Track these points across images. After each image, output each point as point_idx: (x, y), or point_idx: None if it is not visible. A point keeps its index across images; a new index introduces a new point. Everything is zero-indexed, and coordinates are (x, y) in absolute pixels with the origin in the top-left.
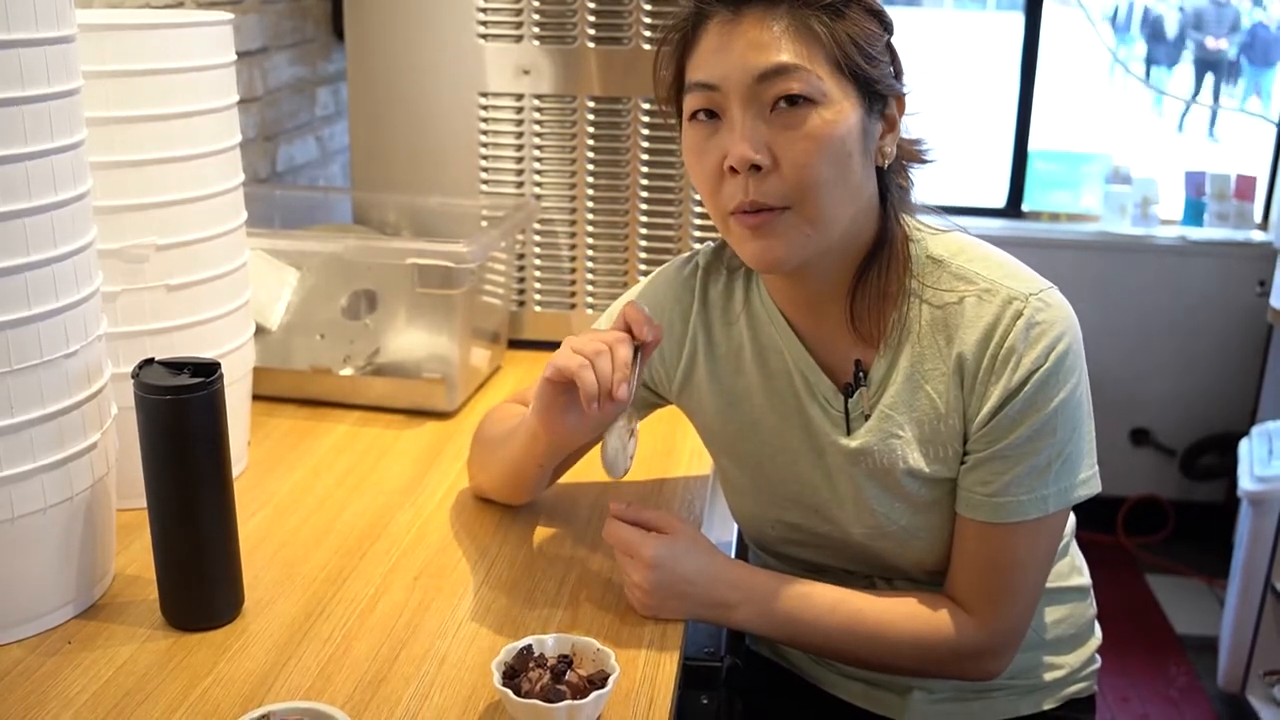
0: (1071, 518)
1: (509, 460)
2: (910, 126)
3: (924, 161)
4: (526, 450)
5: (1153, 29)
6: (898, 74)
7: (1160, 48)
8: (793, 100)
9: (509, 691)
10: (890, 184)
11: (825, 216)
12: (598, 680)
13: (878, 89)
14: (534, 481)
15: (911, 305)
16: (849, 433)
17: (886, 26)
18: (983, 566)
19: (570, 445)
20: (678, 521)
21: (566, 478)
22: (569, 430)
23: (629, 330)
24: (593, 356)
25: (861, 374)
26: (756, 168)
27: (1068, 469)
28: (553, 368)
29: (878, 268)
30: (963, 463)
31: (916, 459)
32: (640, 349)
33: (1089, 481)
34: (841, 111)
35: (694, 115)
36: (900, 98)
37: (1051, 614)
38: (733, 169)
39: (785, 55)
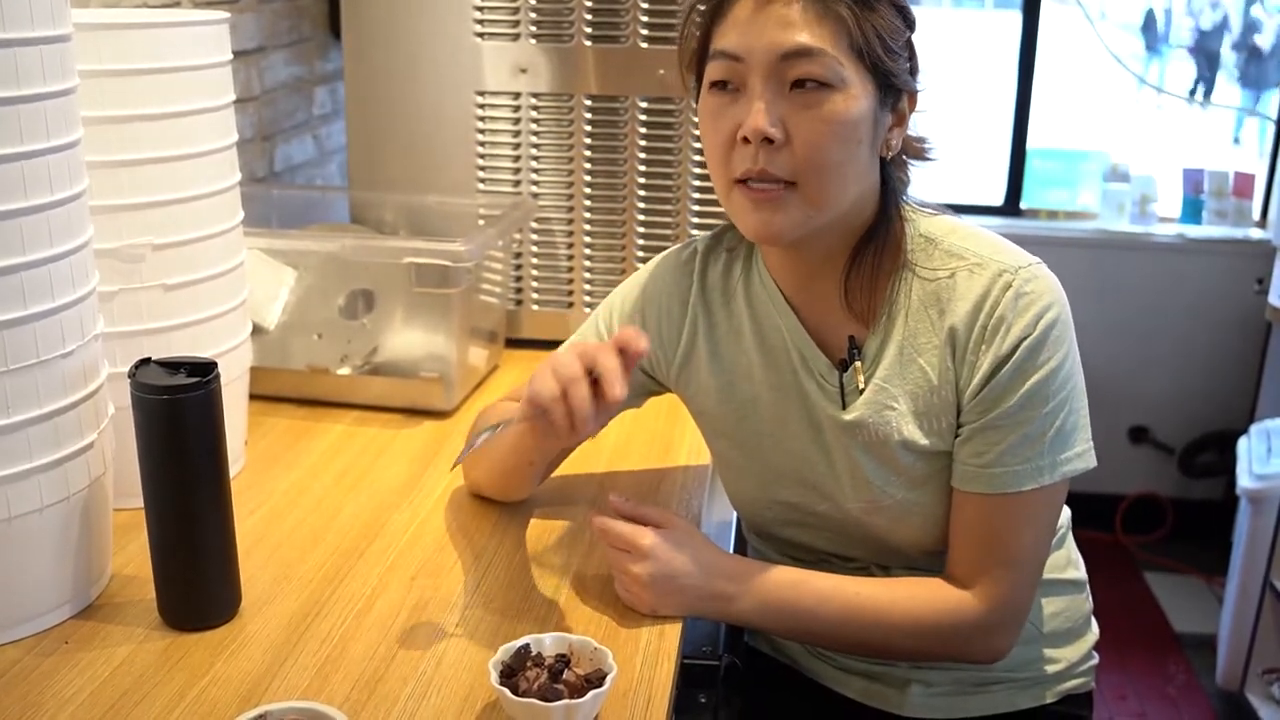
0: (1066, 510)
1: (501, 459)
2: (916, 123)
3: (926, 159)
4: (516, 450)
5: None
6: (914, 71)
7: (1253, 63)
8: (812, 82)
9: (506, 690)
10: (891, 174)
11: (827, 197)
12: (595, 679)
13: (894, 82)
14: (527, 479)
15: (905, 281)
16: (844, 406)
17: (910, 24)
18: (980, 540)
19: (556, 450)
20: (674, 516)
21: (562, 472)
22: (554, 441)
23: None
24: (567, 385)
25: (855, 349)
26: (769, 141)
27: (1061, 441)
28: (531, 391)
29: (873, 248)
30: (957, 435)
31: (911, 431)
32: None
33: (1084, 455)
34: (857, 99)
35: (714, 84)
36: (913, 95)
37: (1048, 606)
38: (745, 139)
39: (811, 38)
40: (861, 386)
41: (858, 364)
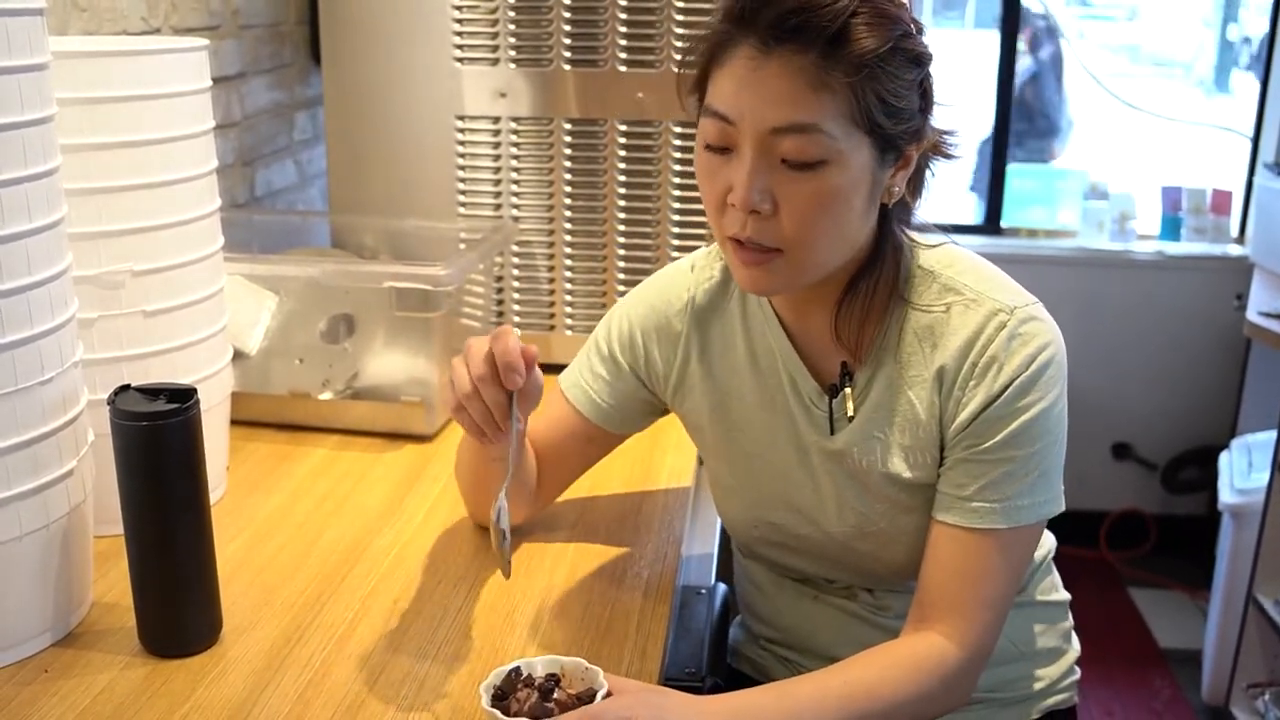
0: (1051, 538)
1: (469, 472)
2: (941, 118)
3: (949, 156)
4: (474, 453)
5: None
6: (926, 109)
7: None
8: (803, 157)
9: (497, 712)
10: (891, 212)
11: (816, 262)
12: (586, 698)
13: (896, 143)
14: (512, 491)
15: (899, 313)
16: (832, 433)
17: (923, 62)
18: (954, 574)
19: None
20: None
21: None
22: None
23: (498, 373)
24: (464, 400)
25: (847, 376)
26: (757, 211)
27: (1044, 483)
28: (454, 388)
29: (867, 284)
30: (941, 466)
31: (897, 464)
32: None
33: (1058, 499)
34: (851, 169)
35: (708, 145)
36: (920, 140)
37: (1032, 628)
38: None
39: (804, 113)
40: (851, 414)
41: (848, 390)
